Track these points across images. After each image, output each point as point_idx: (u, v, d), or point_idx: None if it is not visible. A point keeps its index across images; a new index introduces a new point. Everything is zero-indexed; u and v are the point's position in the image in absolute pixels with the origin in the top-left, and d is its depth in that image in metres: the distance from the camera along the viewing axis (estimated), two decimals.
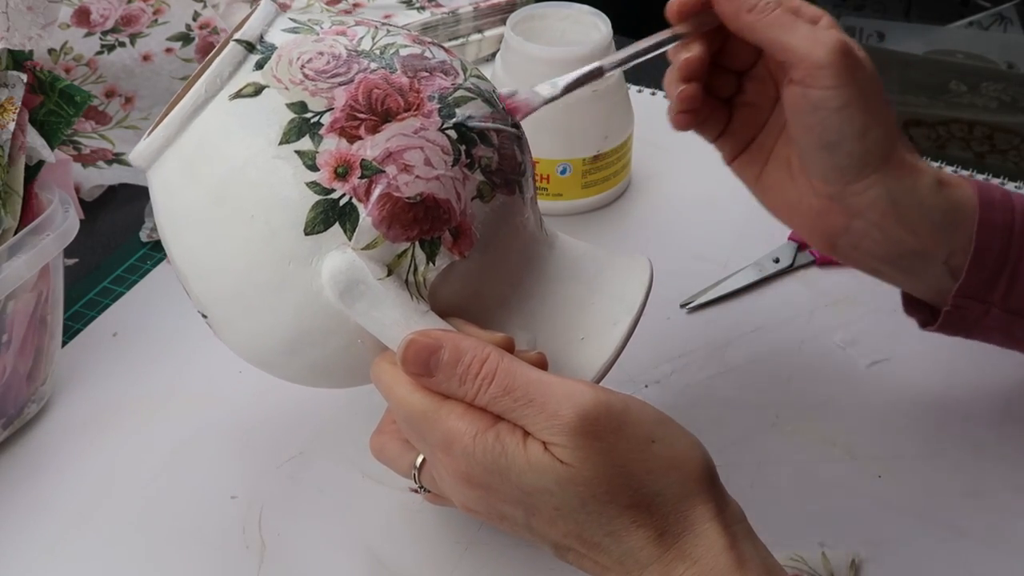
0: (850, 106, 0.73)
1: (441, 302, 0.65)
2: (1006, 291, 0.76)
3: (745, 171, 0.81)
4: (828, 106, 0.73)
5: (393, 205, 0.64)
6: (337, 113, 0.64)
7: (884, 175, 0.75)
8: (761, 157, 0.80)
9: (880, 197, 0.75)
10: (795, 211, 0.79)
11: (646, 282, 0.70)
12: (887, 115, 0.75)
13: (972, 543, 0.77)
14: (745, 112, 0.80)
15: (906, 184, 0.75)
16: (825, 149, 0.74)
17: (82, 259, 0.96)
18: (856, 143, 0.74)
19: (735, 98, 0.80)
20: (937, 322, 0.79)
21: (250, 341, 0.68)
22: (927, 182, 0.75)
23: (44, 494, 0.79)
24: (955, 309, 0.77)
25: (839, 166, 0.75)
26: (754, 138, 0.80)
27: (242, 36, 0.66)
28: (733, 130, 0.80)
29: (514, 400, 0.62)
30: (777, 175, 0.79)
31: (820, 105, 0.73)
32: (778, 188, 0.79)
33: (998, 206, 0.76)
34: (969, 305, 0.77)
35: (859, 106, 0.73)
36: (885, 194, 0.75)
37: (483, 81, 0.70)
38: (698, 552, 0.61)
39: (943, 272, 0.77)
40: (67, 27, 1.11)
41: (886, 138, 0.74)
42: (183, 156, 0.66)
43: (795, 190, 0.78)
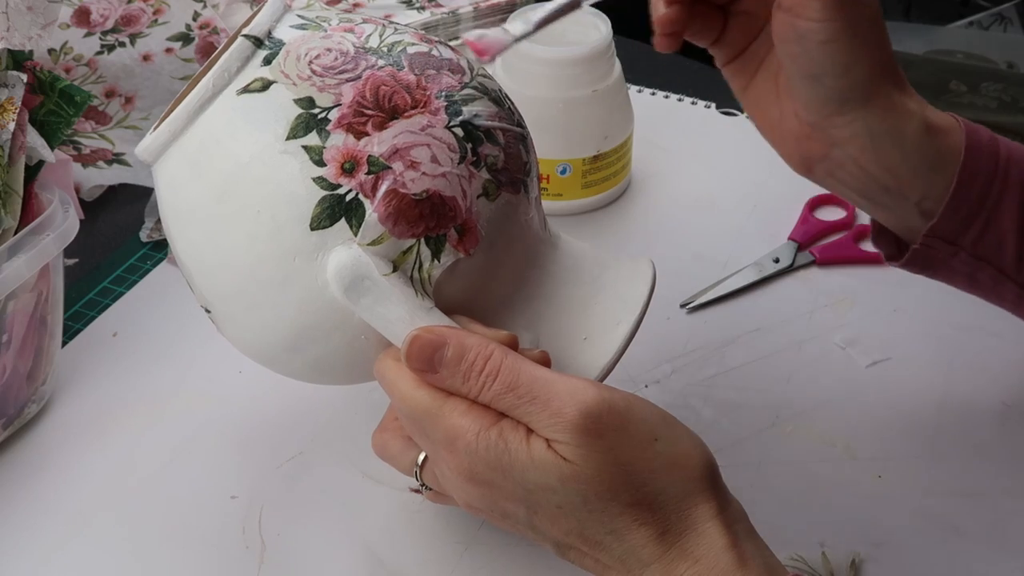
0: (835, 41, 0.71)
1: (446, 299, 0.66)
2: (977, 236, 0.75)
3: (734, 78, 0.79)
4: (812, 38, 0.71)
5: (399, 201, 0.64)
6: (344, 109, 0.64)
7: (866, 112, 0.73)
8: (751, 67, 0.78)
9: (859, 134, 0.74)
10: (776, 129, 0.77)
11: (649, 283, 0.70)
12: (878, 53, 0.73)
13: (972, 543, 0.77)
14: (741, 20, 0.77)
15: (889, 124, 0.73)
16: (807, 79, 0.73)
17: (82, 259, 0.96)
18: (838, 79, 0.72)
19: (731, 5, 0.77)
20: (903, 258, 0.78)
21: (254, 337, 0.68)
22: (914, 126, 0.74)
23: (44, 494, 0.79)
24: (923, 247, 0.76)
25: (820, 98, 0.73)
26: (747, 46, 0.78)
27: (250, 31, 0.67)
28: (727, 38, 0.78)
29: (518, 397, 0.62)
30: (763, 89, 0.77)
31: (805, 36, 0.71)
32: (763, 103, 0.78)
33: (983, 151, 0.75)
34: (937, 245, 0.76)
35: (844, 42, 0.71)
36: (865, 131, 0.73)
37: (490, 80, 0.70)
38: (700, 551, 0.61)
39: (914, 212, 0.76)
40: (67, 27, 1.11)
41: (871, 76, 0.73)
42: (189, 151, 0.66)
43: (778, 108, 0.76)
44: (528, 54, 0.98)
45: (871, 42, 0.72)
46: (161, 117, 0.67)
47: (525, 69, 0.98)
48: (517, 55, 0.98)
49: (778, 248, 0.97)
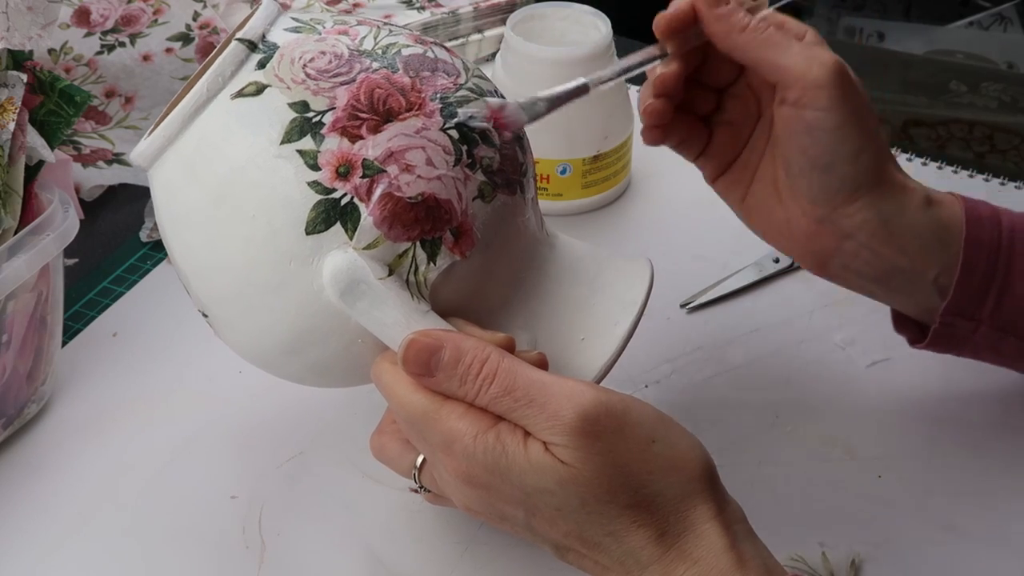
0: (845, 127, 0.72)
1: (442, 302, 0.65)
2: (994, 307, 0.76)
3: (729, 192, 0.80)
4: (823, 127, 0.72)
5: (395, 205, 0.64)
6: (339, 112, 0.64)
7: (875, 196, 0.74)
8: (745, 177, 0.79)
9: (871, 218, 0.74)
10: (783, 233, 0.78)
11: (647, 283, 0.70)
12: (878, 136, 0.74)
13: (972, 543, 0.77)
14: (725, 130, 0.79)
15: (896, 204, 0.74)
16: (818, 171, 0.74)
17: (82, 259, 0.96)
18: (849, 165, 0.73)
19: (715, 116, 0.79)
20: (926, 339, 0.78)
21: (250, 341, 0.68)
22: (916, 201, 0.75)
23: (44, 494, 0.79)
24: (943, 327, 0.77)
25: (831, 188, 0.74)
26: (736, 158, 0.79)
27: (244, 35, 0.66)
28: (713, 149, 0.79)
29: (515, 400, 0.62)
30: (763, 196, 0.78)
31: (815, 126, 0.72)
32: (764, 209, 0.78)
33: (985, 222, 0.75)
34: (957, 323, 0.76)
35: (853, 127, 0.72)
36: (875, 215, 0.74)
37: (485, 81, 0.70)
38: (698, 552, 0.61)
39: (932, 291, 0.76)
40: (67, 27, 1.11)
41: (878, 159, 0.74)
42: (184, 155, 0.66)
43: (783, 211, 0.77)
44: (528, 54, 0.98)
45: (872, 127, 0.74)
46: (156, 122, 0.67)
47: (525, 69, 0.98)
48: (518, 55, 0.98)
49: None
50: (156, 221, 0.70)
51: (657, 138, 0.78)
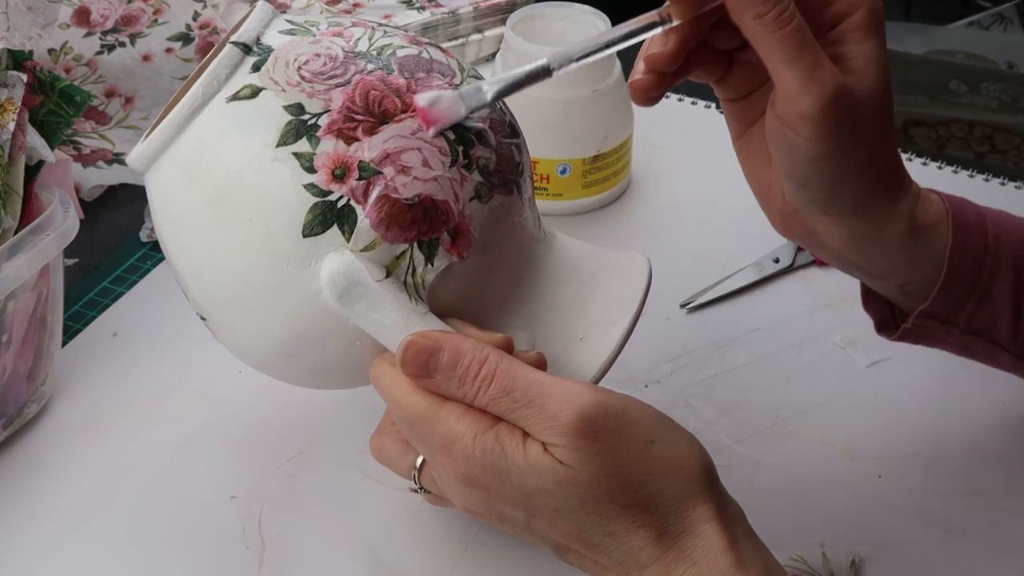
0: (825, 159, 0.67)
1: (440, 303, 0.65)
2: (971, 314, 0.75)
3: (732, 121, 0.75)
4: (802, 154, 0.67)
5: (391, 206, 0.64)
6: (334, 115, 0.64)
7: (850, 219, 0.71)
8: (749, 116, 0.74)
9: (841, 233, 0.72)
10: (762, 190, 0.74)
11: (645, 281, 0.70)
12: (870, 171, 0.69)
13: (972, 543, 0.77)
14: (746, 68, 0.72)
15: (872, 229, 0.71)
16: (792, 183, 0.70)
17: (82, 259, 0.96)
18: (824, 191, 0.69)
19: (737, 53, 0.72)
20: (896, 333, 0.77)
21: (249, 343, 0.68)
22: (897, 229, 0.71)
23: (44, 494, 0.79)
24: (915, 327, 0.76)
25: (804, 198, 0.70)
26: (750, 93, 0.73)
27: (239, 38, 0.66)
28: (730, 81, 0.73)
29: (513, 401, 0.62)
30: (757, 146, 0.73)
31: (794, 148, 0.67)
32: (754, 161, 0.74)
33: (972, 230, 0.73)
34: (930, 324, 0.75)
35: (836, 159, 0.67)
36: (847, 232, 0.71)
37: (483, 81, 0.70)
38: (698, 552, 0.61)
39: (896, 292, 0.75)
40: (67, 27, 1.11)
41: (860, 188, 0.69)
42: (180, 159, 0.66)
43: (767, 175, 0.73)
44: (528, 54, 0.98)
45: (868, 157, 0.69)
46: (152, 125, 0.67)
47: None
48: (517, 55, 0.98)
49: (778, 248, 0.97)
50: (153, 224, 0.69)
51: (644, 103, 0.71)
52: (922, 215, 0.72)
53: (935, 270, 0.73)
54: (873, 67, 0.67)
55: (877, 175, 0.70)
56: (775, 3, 0.64)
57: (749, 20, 0.65)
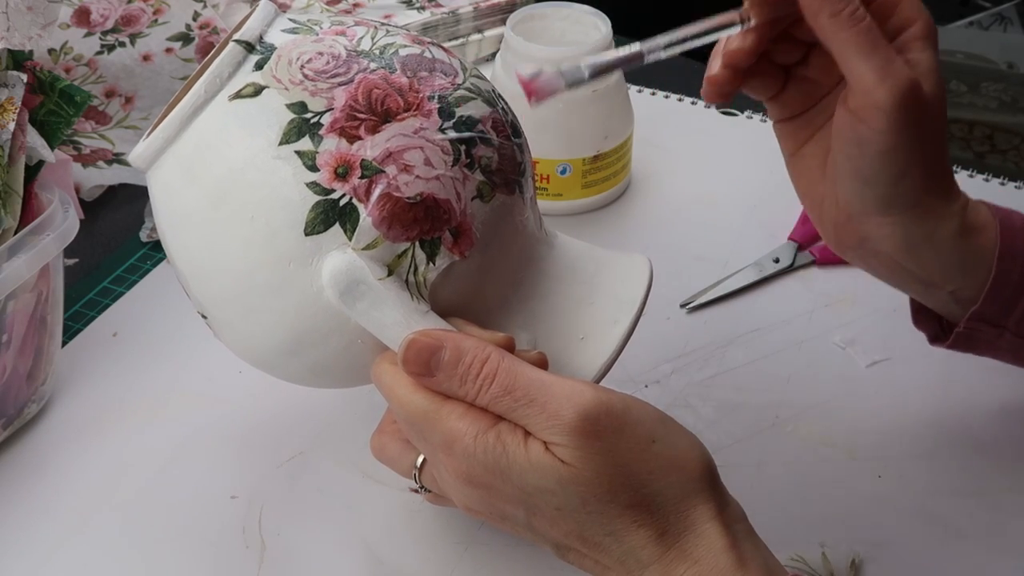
0: (896, 151, 0.69)
1: (441, 302, 0.65)
2: (1021, 317, 0.75)
3: (784, 140, 0.76)
4: (874, 146, 0.69)
5: (393, 205, 0.64)
6: (337, 113, 0.64)
7: (906, 218, 0.72)
8: (804, 135, 0.75)
9: (895, 235, 0.73)
10: (815, 205, 0.76)
11: (646, 281, 0.70)
12: (933, 159, 0.71)
13: (972, 543, 0.77)
14: (802, 85, 0.74)
15: (925, 229, 0.73)
16: (858, 181, 0.71)
17: (82, 259, 0.96)
18: (889, 186, 0.71)
19: (796, 68, 0.74)
20: (948, 340, 0.78)
21: (250, 342, 0.68)
22: (950, 229, 0.73)
23: (44, 494, 0.79)
24: (966, 331, 0.76)
25: (866, 199, 0.72)
26: (804, 112, 0.75)
27: (241, 36, 0.66)
28: (784, 98, 0.75)
29: (515, 400, 0.62)
30: (812, 162, 0.75)
31: (867, 141, 0.69)
32: (808, 176, 0.75)
33: (1019, 237, 0.74)
34: (982, 328, 0.76)
35: (904, 152, 0.69)
36: (902, 235, 0.73)
37: (483, 81, 0.70)
38: (699, 552, 0.61)
39: (948, 299, 0.76)
40: (67, 27, 1.11)
41: (920, 187, 0.71)
42: (182, 157, 0.66)
43: (821, 188, 0.74)
44: (528, 54, 0.98)
45: (928, 155, 0.71)
46: (154, 124, 0.67)
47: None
48: (517, 55, 0.98)
49: (778, 248, 0.97)
50: (155, 223, 0.69)
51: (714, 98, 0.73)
52: (973, 218, 0.74)
53: (985, 273, 0.74)
54: (934, 75, 0.70)
55: (934, 174, 0.72)
56: (848, 1, 0.67)
57: (825, 19, 0.67)
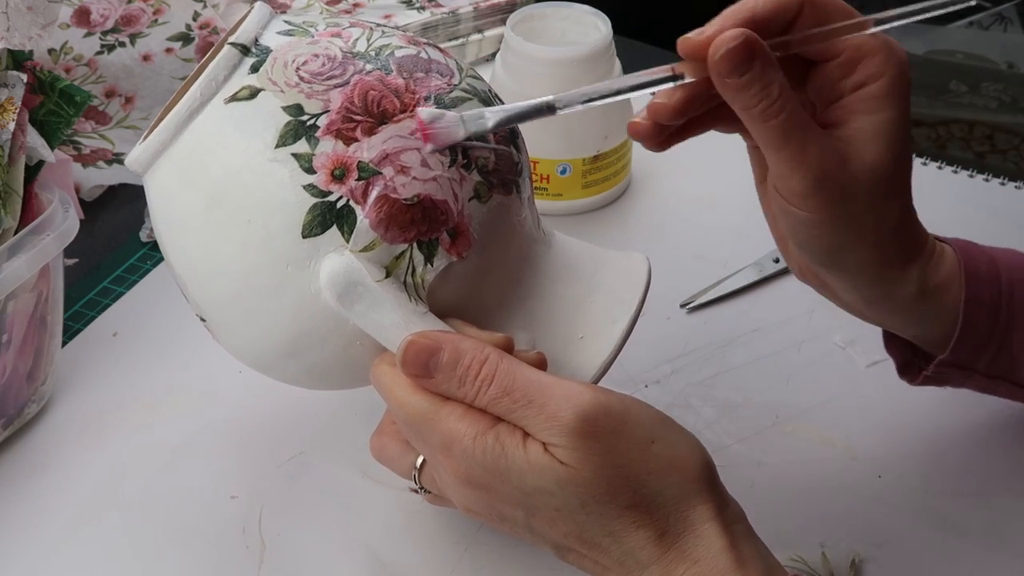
0: (821, 226, 0.68)
1: (440, 303, 0.65)
2: (990, 360, 0.75)
3: (754, 165, 0.75)
4: (799, 222, 0.69)
5: (391, 207, 0.64)
6: (333, 115, 0.64)
7: (858, 281, 0.72)
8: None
9: (850, 291, 0.73)
10: (780, 238, 0.75)
11: (644, 280, 0.70)
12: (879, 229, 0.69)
13: (972, 543, 0.77)
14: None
15: (880, 291, 0.72)
16: (794, 242, 0.71)
17: (82, 259, 0.96)
18: (826, 255, 0.70)
19: None
20: (917, 378, 0.78)
21: (248, 344, 0.68)
22: (907, 292, 0.72)
23: (44, 494, 0.79)
24: (935, 374, 0.76)
25: (808, 259, 0.72)
26: None
27: (237, 39, 0.66)
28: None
29: (514, 401, 0.62)
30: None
31: (791, 215, 0.69)
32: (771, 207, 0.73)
33: (984, 279, 0.73)
34: (951, 372, 0.76)
35: (834, 227, 0.68)
36: (856, 291, 0.73)
37: (479, 81, 0.70)
38: (698, 552, 0.61)
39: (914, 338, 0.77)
40: (67, 27, 1.11)
41: (865, 255, 0.70)
42: (179, 160, 0.66)
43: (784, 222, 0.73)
44: (528, 54, 0.98)
45: (870, 227, 0.69)
46: (150, 127, 0.67)
47: (525, 69, 0.98)
48: (517, 55, 0.98)
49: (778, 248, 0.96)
50: (152, 226, 0.69)
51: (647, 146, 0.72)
52: (933, 277, 0.73)
53: (950, 325, 0.74)
54: (878, 140, 0.67)
55: (881, 243, 0.70)
56: (761, 97, 0.65)
57: (738, 110, 0.66)
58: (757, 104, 0.65)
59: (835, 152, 0.67)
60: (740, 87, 0.65)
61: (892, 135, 0.68)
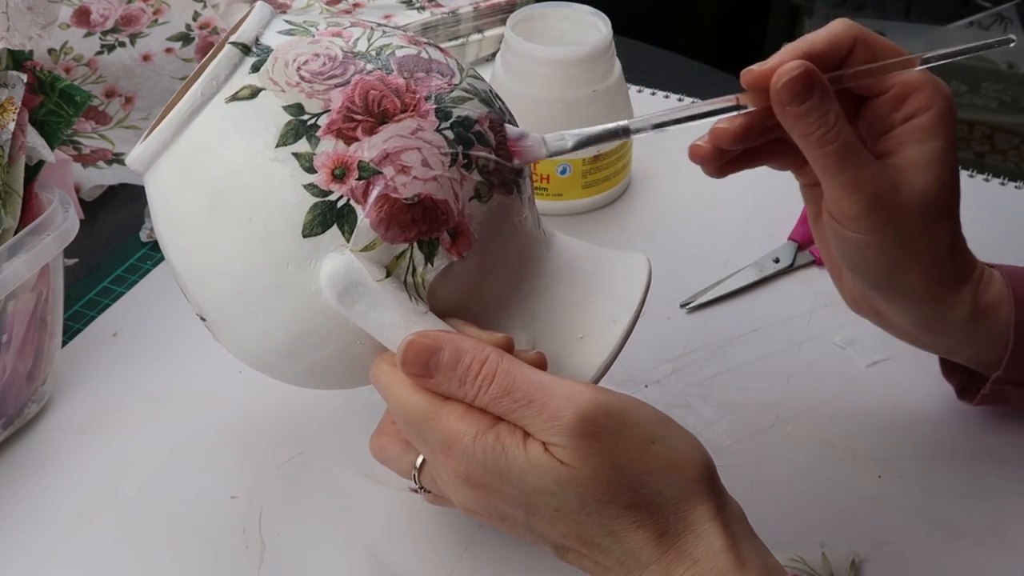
0: (873, 249, 0.71)
1: (440, 303, 0.65)
2: None
3: (809, 203, 0.77)
4: (853, 245, 0.71)
5: (391, 206, 0.64)
6: (334, 115, 0.64)
7: (912, 304, 0.74)
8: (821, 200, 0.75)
9: (904, 315, 0.75)
10: (835, 270, 0.78)
11: (644, 280, 0.70)
12: (926, 257, 0.72)
13: (972, 543, 0.77)
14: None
15: (934, 313, 0.74)
16: (849, 268, 0.74)
17: (82, 259, 0.96)
18: (880, 277, 0.73)
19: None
20: (975, 398, 0.80)
21: (249, 344, 0.68)
22: (960, 314, 0.74)
23: (44, 494, 0.79)
24: (993, 392, 0.78)
25: (866, 284, 0.74)
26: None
27: (238, 39, 0.66)
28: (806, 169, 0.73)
29: (514, 401, 0.62)
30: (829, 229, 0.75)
31: (843, 237, 0.72)
32: (826, 242, 0.76)
33: None
34: (1007, 388, 0.78)
35: (887, 250, 0.71)
36: (910, 315, 0.75)
37: (479, 81, 0.70)
38: (698, 552, 0.61)
39: (968, 361, 0.79)
40: (67, 27, 1.11)
41: (920, 275, 0.73)
42: (180, 160, 0.66)
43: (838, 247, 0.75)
44: (528, 54, 0.98)
45: (923, 249, 0.72)
46: (151, 126, 0.67)
47: (525, 69, 0.98)
48: (518, 55, 0.98)
49: (778, 248, 0.97)
50: (153, 225, 0.69)
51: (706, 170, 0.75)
52: (983, 299, 0.75)
53: (1002, 346, 0.76)
54: (928, 168, 0.71)
55: (933, 265, 0.73)
56: (819, 124, 0.69)
57: (797, 137, 0.70)
58: (816, 131, 0.69)
59: (887, 178, 0.70)
60: (800, 115, 0.68)
61: (941, 163, 0.71)
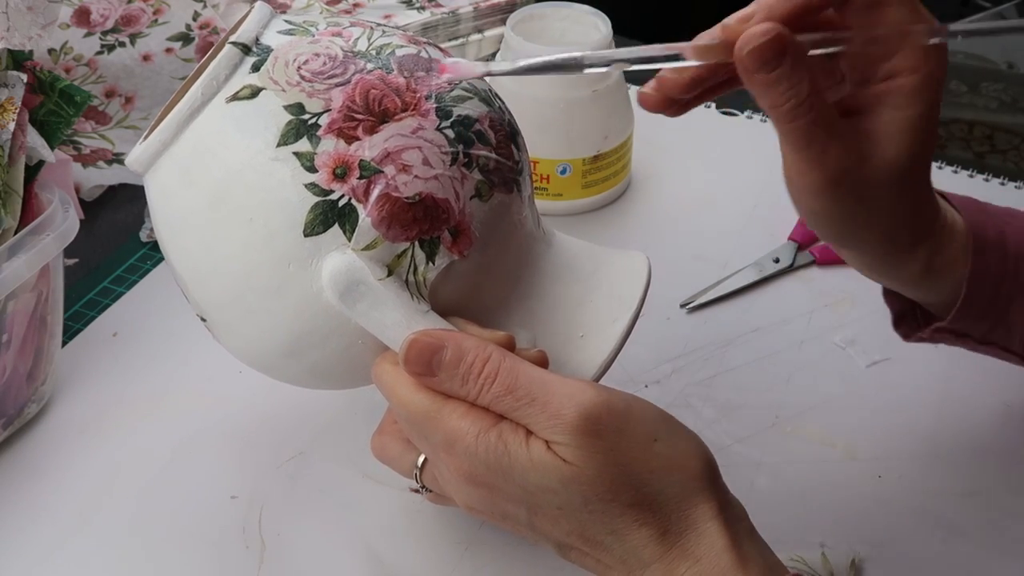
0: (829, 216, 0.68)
1: (441, 301, 0.65)
2: (987, 330, 0.75)
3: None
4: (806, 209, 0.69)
5: (392, 205, 0.64)
6: (334, 114, 0.64)
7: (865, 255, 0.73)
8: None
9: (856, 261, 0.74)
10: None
11: (644, 279, 0.70)
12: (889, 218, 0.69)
13: (972, 543, 0.77)
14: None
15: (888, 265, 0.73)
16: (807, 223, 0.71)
17: (82, 259, 0.96)
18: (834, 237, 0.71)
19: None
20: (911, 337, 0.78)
21: (250, 344, 0.68)
22: (913, 269, 0.72)
23: (44, 494, 0.79)
24: (929, 336, 0.77)
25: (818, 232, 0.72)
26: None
27: (238, 38, 0.66)
28: None
29: (516, 399, 0.62)
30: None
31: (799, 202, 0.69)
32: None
33: (992, 255, 0.73)
34: (946, 336, 0.76)
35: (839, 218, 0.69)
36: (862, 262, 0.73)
37: (479, 80, 0.70)
38: (700, 551, 0.61)
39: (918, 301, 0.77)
40: (67, 27, 1.11)
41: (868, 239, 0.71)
42: (180, 160, 0.66)
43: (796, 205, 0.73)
44: (528, 54, 0.98)
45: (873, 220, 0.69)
46: (151, 126, 0.67)
47: None
48: (517, 55, 0.98)
49: (778, 248, 0.97)
50: (153, 225, 0.69)
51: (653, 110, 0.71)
52: (938, 257, 0.72)
53: (953, 295, 0.74)
54: (902, 137, 0.66)
55: (889, 231, 0.70)
56: (790, 96, 0.64)
57: (764, 107, 0.65)
58: (785, 103, 0.64)
59: (856, 151, 0.66)
60: (769, 83, 0.63)
61: (916, 133, 0.67)
